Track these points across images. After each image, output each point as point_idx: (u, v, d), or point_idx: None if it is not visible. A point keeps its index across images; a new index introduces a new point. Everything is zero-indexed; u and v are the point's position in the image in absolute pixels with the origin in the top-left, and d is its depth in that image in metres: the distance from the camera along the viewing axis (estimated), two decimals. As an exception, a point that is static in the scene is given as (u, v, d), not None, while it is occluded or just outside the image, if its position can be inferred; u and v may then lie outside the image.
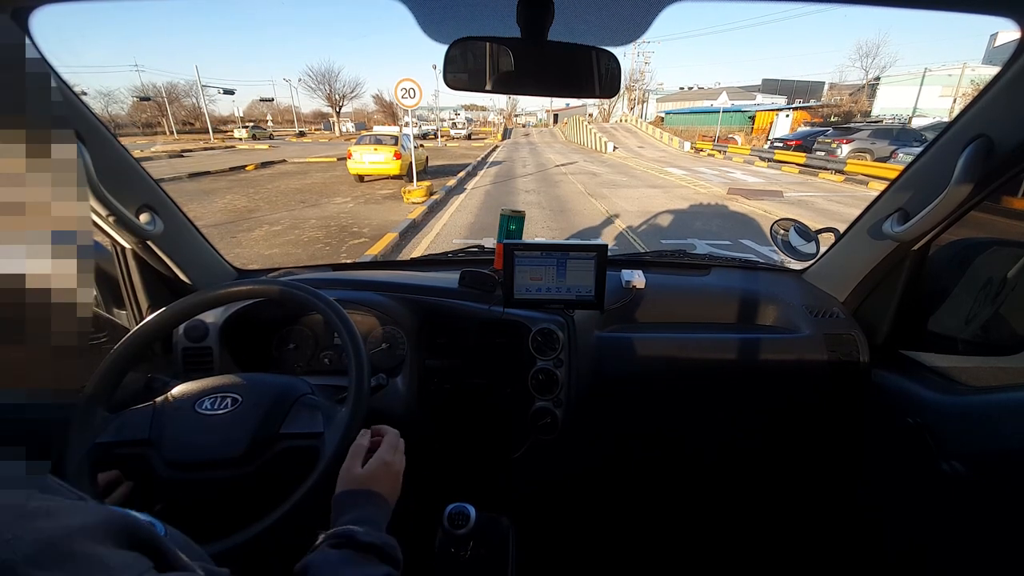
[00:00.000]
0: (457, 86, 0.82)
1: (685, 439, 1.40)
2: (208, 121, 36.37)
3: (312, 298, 0.76)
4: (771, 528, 1.40)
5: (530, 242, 1.10)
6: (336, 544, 0.52)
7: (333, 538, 0.53)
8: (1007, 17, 0.70)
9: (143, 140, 31.43)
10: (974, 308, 1.03)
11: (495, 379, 1.16)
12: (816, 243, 1.29)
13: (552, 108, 65.25)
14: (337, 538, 0.53)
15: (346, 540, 0.53)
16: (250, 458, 0.66)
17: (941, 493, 0.94)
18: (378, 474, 0.63)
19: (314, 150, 23.61)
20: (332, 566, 0.50)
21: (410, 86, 8.39)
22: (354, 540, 0.53)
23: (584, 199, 9.33)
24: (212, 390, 0.71)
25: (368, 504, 0.60)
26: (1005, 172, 0.83)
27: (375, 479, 0.62)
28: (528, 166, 16.63)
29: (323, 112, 67.79)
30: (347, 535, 0.53)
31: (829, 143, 15.02)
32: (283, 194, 9.89)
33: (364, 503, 0.60)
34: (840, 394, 1.18)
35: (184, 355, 1.02)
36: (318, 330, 1.15)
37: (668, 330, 1.25)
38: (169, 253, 1.09)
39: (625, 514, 1.43)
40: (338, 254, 5.49)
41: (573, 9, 0.81)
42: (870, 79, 37.93)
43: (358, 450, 0.65)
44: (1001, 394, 0.88)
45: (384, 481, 0.63)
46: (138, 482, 0.68)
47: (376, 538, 0.54)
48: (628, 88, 51.77)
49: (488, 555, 0.92)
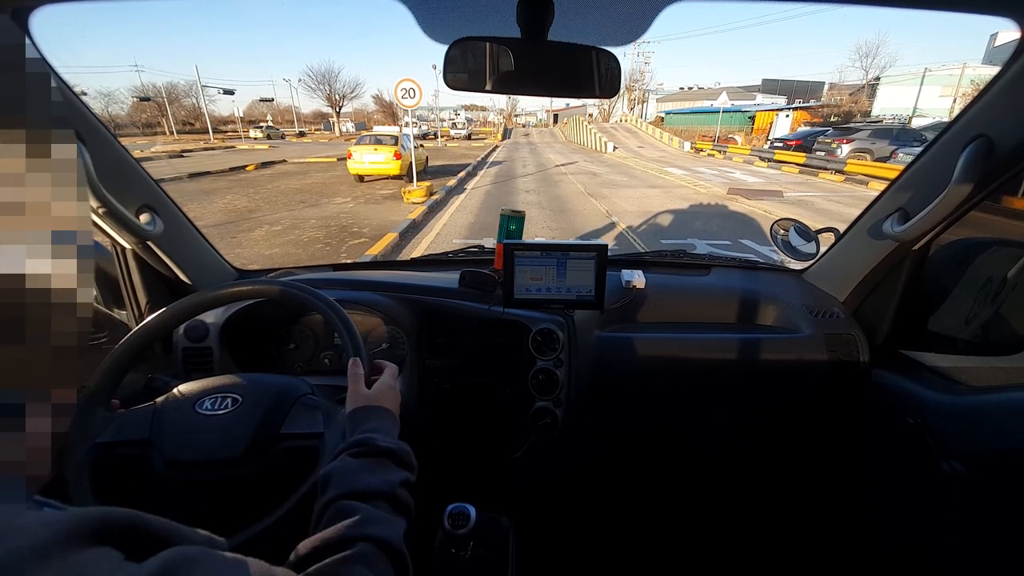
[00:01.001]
0: (457, 86, 0.82)
1: (685, 439, 1.40)
2: (208, 121, 36.33)
3: (312, 298, 0.76)
4: (771, 528, 1.40)
5: (530, 242, 1.10)
6: (356, 453, 0.54)
7: (353, 446, 0.55)
8: (1007, 17, 0.70)
9: (143, 140, 31.42)
10: (974, 308, 1.03)
11: (495, 379, 1.16)
12: (816, 243, 1.29)
13: (552, 108, 65.27)
14: (356, 446, 0.55)
15: (365, 447, 0.54)
16: (250, 458, 0.66)
17: (941, 493, 0.94)
18: (386, 393, 0.66)
19: (314, 150, 23.62)
20: (354, 472, 0.51)
21: (410, 86, 8.39)
22: (373, 445, 0.55)
23: (584, 199, 9.33)
24: (212, 390, 0.71)
25: (381, 416, 0.62)
26: (1005, 172, 0.83)
27: (383, 397, 0.65)
28: (528, 166, 16.64)
29: (323, 112, 67.81)
30: (365, 442, 0.55)
31: (829, 143, 15.02)
32: (283, 194, 9.89)
33: (377, 415, 0.62)
34: (840, 394, 1.18)
35: (184, 355, 1.02)
36: (318, 330, 1.15)
37: (668, 330, 1.25)
38: (169, 253, 1.09)
39: (625, 514, 1.43)
40: (338, 254, 5.49)
41: (573, 9, 0.81)
42: (870, 79, 37.93)
43: (356, 376, 0.67)
44: (1001, 394, 0.88)
45: (390, 399, 0.66)
46: (138, 482, 0.68)
47: (393, 444, 0.56)
48: (628, 88, 51.79)
49: (488, 555, 0.92)
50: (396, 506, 0.51)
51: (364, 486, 0.50)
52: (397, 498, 0.51)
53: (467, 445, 1.26)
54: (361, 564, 0.42)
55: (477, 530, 0.87)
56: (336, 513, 0.47)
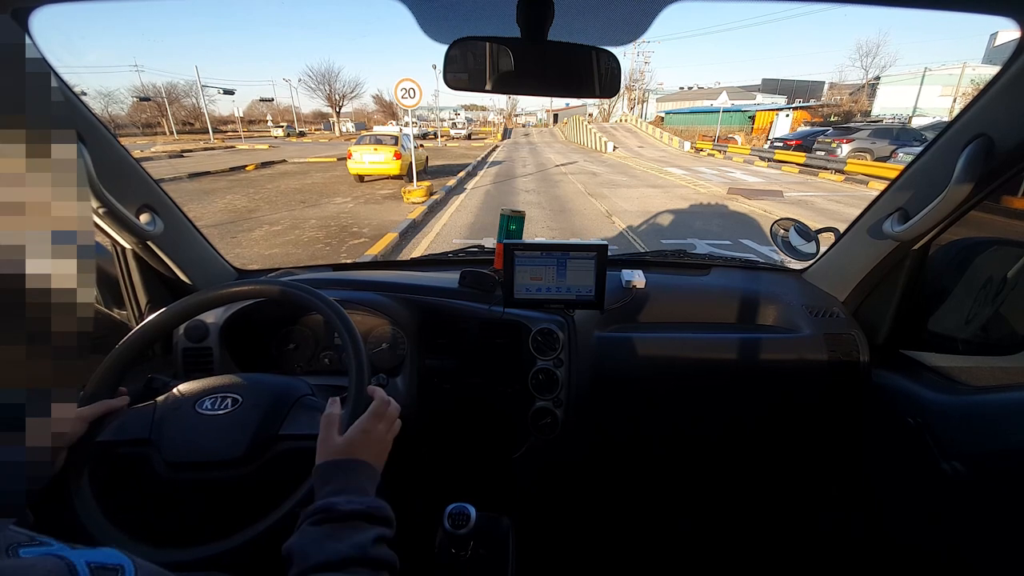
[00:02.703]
0: (457, 86, 0.82)
1: (685, 439, 1.40)
2: (208, 121, 36.33)
3: (312, 298, 0.76)
4: (771, 528, 1.40)
5: (530, 242, 1.10)
6: (317, 521, 0.50)
7: (312, 515, 0.51)
8: (1007, 17, 0.70)
9: (143, 140, 31.40)
10: (974, 308, 1.03)
11: (495, 379, 1.16)
12: (816, 243, 1.29)
13: (552, 108, 65.22)
14: (316, 514, 0.51)
15: (326, 514, 0.51)
16: (249, 459, 0.66)
17: (941, 493, 0.94)
18: (357, 442, 0.60)
19: (314, 150, 23.62)
20: (317, 544, 0.48)
21: (410, 86, 8.39)
22: (334, 511, 0.51)
23: (584, 199, 9.33)
24: (213, 390, 0.71)
25: (350, 472, 0.57)
26: (1005, 172, 0.83)
27: (354, 446, 0.59)
28: (528, 166, 16.63)
29: (323, 112, 67.83)
30: (326, 508, 0.51)
31: (829, 143, 15.01)
32: (283, 194, 9.89)
33: (346, 470, 0.57)
34: (840, 394, 1.18)
35: (184, 355, 1.02)
36: (318, 330, 1.15)
37: (668, 330, 1.25)
38: (169, 253, 1.09)
39: (625, 514, 1.43)
40: (338, 254, 5.49)
41: (573, 9, 0.81)
42: (870, 79, 37.91)
43: (330, 420, 0.62)
44: (1001, 394, 0.88)
45: (365, 448, 0.60)
46: (138, 482, 0.67)
47: (359, 504, 0.52)
48: (628, 88, 51.80)
49: (488, 555, 0.92)
50: (373, 567, 0.48)
51: (331, 555, 0.46)
52: (371, 559, 0.48)
53: (467, 445, 1.26)
54: None
55: (477, 530, 0.87)
56: None
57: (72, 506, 0.58)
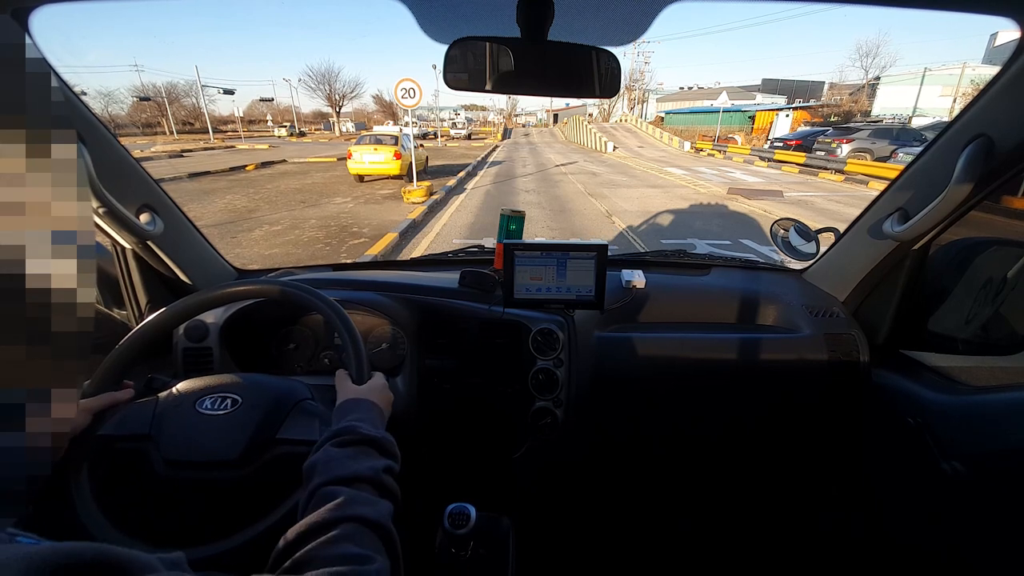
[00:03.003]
0: (457, 86, 0.82)
1: (685, 439, 1.40)
2: (208, 121, 36.34)
3: (312, 298, 0.76)
4: (771, 528, 1.40)
5: (530, 242, 1.10)
6: (338, 442, 0.55)
7: (335, 435, 0.56)
8: (1007, 17, 0.70)
9: (143, 140, 31.40)
10: (974, 308, 1.03)
11: (495, 379, 1.16)
12: (816, 243, 1.29)
13: (552, 108, 65.23)
14: (339, 435, 0.56)
15: (347, 435, 0.56)
16: (246, 461, 0.66)
17: (941, 493, 0.94)
18: (375, 389, 0.68)
19: (314, 150, 23.62)
20: (336, 460, 0.52)
21: (410, 86, 8.39)
22: (355, 433, 0.56)
23: (584, 199, 9.33)
24: (213, 389, 0.71)
25: (367, 408, 0.63)
26: (1005, 172, 0.83)
27: (371, 391, 0.67)
28: (528, 166, 16.63)
29: (323, 112, 67.83)
30: (348, 430, 0.56)
31: (829, 143, 15.02)
32: (283, 194, 9.89)
33: (363, 407, 0.63)
34: (840, 394, 1.18)
35: (184, 355, 1.01)
36: (318, 330, 1.15)
37: (668, 330, 1.25)
38: (169, 253, 1.09)
39: (625, 514, 1.43)
40: (338, 254, 5.49)
41: (573, 9, 0.81)
42: (870, 79, 37.94)
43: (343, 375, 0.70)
44: (1001, 394, 0.88)
45: (379, 395, 0.68)
46: (136, 478, 0.67)
47: (376, 432, 0.58)
48: (628, 88, 51.80)
49: (488, 555, 0.92)
50: (380, 490, 0.52)
51: (347, 472, 0.51)
52: (381, 482, 0.52)
53: (467, 445, 1.26)
54: (347, 541, 0.43)
55: (477, 530, 0.87)
56: (320, 499, 0.47)
57: (72, 503, 0.58)
